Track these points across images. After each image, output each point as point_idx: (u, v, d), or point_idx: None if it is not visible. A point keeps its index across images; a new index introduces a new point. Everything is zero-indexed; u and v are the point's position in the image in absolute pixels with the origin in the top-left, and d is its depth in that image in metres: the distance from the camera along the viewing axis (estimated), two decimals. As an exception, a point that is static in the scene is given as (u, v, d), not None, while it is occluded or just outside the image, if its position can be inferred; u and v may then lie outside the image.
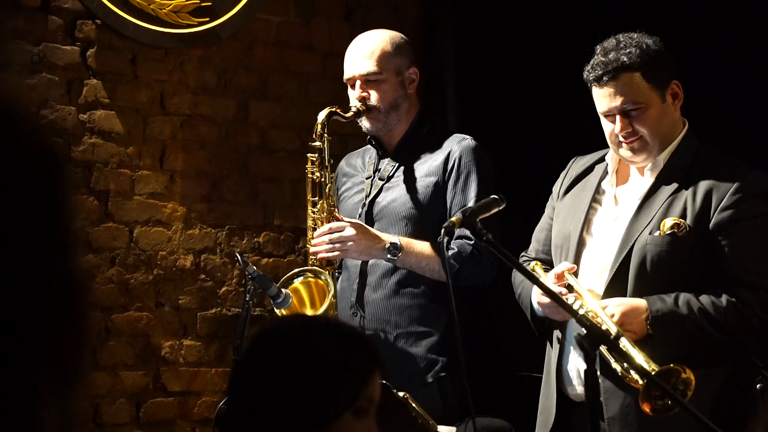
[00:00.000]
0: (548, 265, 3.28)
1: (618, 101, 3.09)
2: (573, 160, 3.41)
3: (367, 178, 3.72)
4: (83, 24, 4.18)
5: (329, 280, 3.53)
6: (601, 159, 3.29)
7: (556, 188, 3.40)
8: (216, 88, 4.48)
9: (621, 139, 3.12)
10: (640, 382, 2.80)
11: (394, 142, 3.71)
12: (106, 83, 4.22)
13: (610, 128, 3.14)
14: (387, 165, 3.69)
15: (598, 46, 3.17)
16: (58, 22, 4.13)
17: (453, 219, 2.82)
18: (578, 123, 3.93)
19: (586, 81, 3.16)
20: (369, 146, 3.80)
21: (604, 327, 2.90)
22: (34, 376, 0.98)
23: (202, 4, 4.38)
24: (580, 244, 3.18)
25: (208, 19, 4.39)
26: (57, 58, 4.12)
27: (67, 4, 4.15)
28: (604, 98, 3.12)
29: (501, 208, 2.97)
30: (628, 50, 3.09)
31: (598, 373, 2.98)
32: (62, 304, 1.01)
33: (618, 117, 3.10)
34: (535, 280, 2.88)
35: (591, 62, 3.15)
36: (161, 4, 4.29)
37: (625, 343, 2.86)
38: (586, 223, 3.20)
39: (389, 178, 3.66)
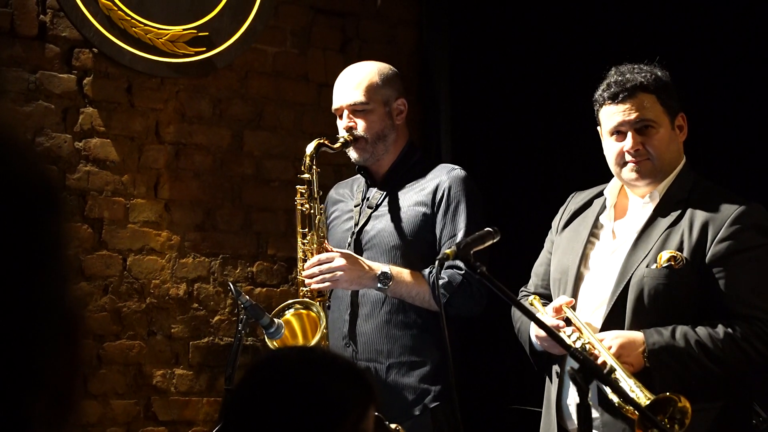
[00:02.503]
0: (547, 299, 3.27)
1: (632, 116, 3.11)
2: (572, 195, 3.42)
3: (355, 206, 3.73)
4: (80, 52, 4.20)
5: (321, 312, 3.52)
6: (600, 194, 3.30)
7: (555, 223, 3.40)
8: (211, 118, 4.49)
9: (628, 157, 3.13)
10: (638, 413, 2.79)
11: (383, 172, 3.72)
12: (102, 111, 4.23)
13: (616, 147, 3.15)
14: (375, 193, 3.70)
15: (612, 68, 3.20)
16: (55, 51, 4.15)
17: (447, 251, 2.81)
18: (573, 154, 3.95)
19: (597, 100, 3.18)
20: (358, 175, 3.81)
21: (601, 359, 2.91)
22: (28, 404, 0.98)
23: (199, 34, 4.40)
24: (578, 278, 3.18)
25: (204, 48, 4.41)
26: (53, 86, 4.13)
27: (65, 33, 4.16)
28: (616, 114, 3.14)
29: (495, 240, 2.96)
30: (644, 74, 3.14)
31: (597, 405, 2.99)
32: (56, 333, 1.00)
33: (630, 133, 3.12)
34: (530, 314, 2.87)
35: (605, 81, 3.17)
36: (158, 34, 4.31)
37: (621, 373, 2.87)
38: (584, 257, 3.20)
39: (377, 206, 3.67)
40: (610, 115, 3.15)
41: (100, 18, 4.19)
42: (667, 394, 2.76)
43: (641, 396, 2.81)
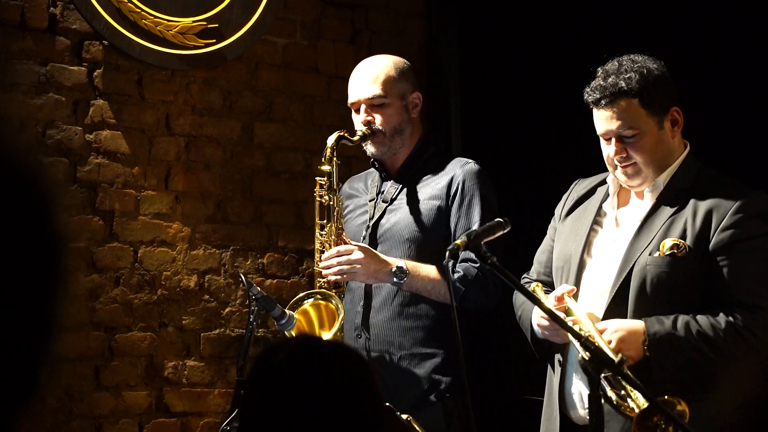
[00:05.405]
0: (549, 286, 3.28)
1: (614, 125, 3.10)
2: (575, 182, 3.43)
3: (370, 201, 3.74)
4: (90, 45, 4.21)
5: (339, 303, 3.53)
6: (603, 182, 3.30)
7: (558, 210, 3.40)
8: (221, 110, 4.50)
9: (616, 162, 3.13)
10: (636, 410, 2.78)
11: (398, 165, 3.73)
12: (112, 104, 4.24)
13: (607, 150, 3.16)
14: (390, 187, 3.71)
15: (599, 68, 3.17)
16: (66, 43, 4.15)
17: (458, 242, 2.82)
18: (581, 146, 3.94)
19: (585, 102, 3.18)
20: (371, 169, 3.82)
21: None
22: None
23: (209, 26, 4.40)
24: (581, 266, 3.18)
25: (214, 40, 4.41)
26: (64, 79, 4.14)
27: (75, 25, 4.17)
28: (601, 121, 3.14)
29: (505, 231, 2.97)
30: (627, 75, 3.09)
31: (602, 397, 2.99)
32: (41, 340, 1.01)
33: (613, 140, 3.11)
34: (540, 304, 2.87)
35: (591, 84, 3.15)
36: (168, 26, 4.31)
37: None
38: (587, 245, 3.20)
39: (392, 200, 3.68)
40: (596, 120, 3.16)
41: (110, 10, 4.19)
42: (666, 397, 2.74)
43: (639, 397, 2.78)
